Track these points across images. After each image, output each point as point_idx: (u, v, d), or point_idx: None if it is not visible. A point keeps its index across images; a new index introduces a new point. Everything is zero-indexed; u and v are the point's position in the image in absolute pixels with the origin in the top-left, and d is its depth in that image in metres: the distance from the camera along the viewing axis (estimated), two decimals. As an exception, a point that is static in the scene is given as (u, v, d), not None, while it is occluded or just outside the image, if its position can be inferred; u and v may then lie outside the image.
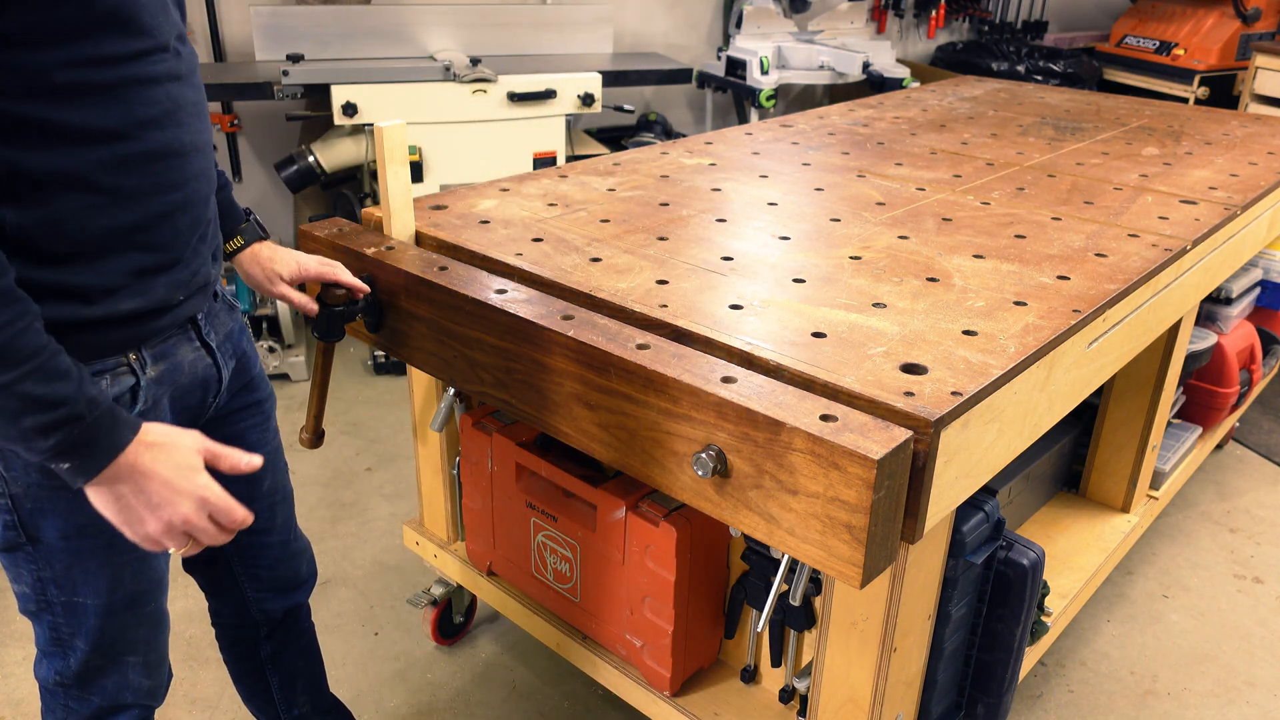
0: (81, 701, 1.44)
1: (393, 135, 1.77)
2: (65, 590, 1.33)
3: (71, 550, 1.29)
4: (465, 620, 2.45)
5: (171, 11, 1.19)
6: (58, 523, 1.26)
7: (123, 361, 1.22)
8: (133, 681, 1.45)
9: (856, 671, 1.58)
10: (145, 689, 1.48)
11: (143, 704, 1.49)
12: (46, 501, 1.24)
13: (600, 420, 1.47)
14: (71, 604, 1.34)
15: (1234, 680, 2.40)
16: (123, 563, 1.33)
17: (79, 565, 1.30)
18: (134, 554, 1.33)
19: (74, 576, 1.31)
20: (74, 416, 1.04)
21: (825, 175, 2.35)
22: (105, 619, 1.36)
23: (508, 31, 4.20)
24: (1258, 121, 3.12)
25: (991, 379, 1.37)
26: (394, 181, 1.81)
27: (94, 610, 1.34)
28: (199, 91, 1.26)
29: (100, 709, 1.45)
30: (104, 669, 1.41)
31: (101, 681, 1.42)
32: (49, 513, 1.25)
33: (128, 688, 1.45)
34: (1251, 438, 3.49)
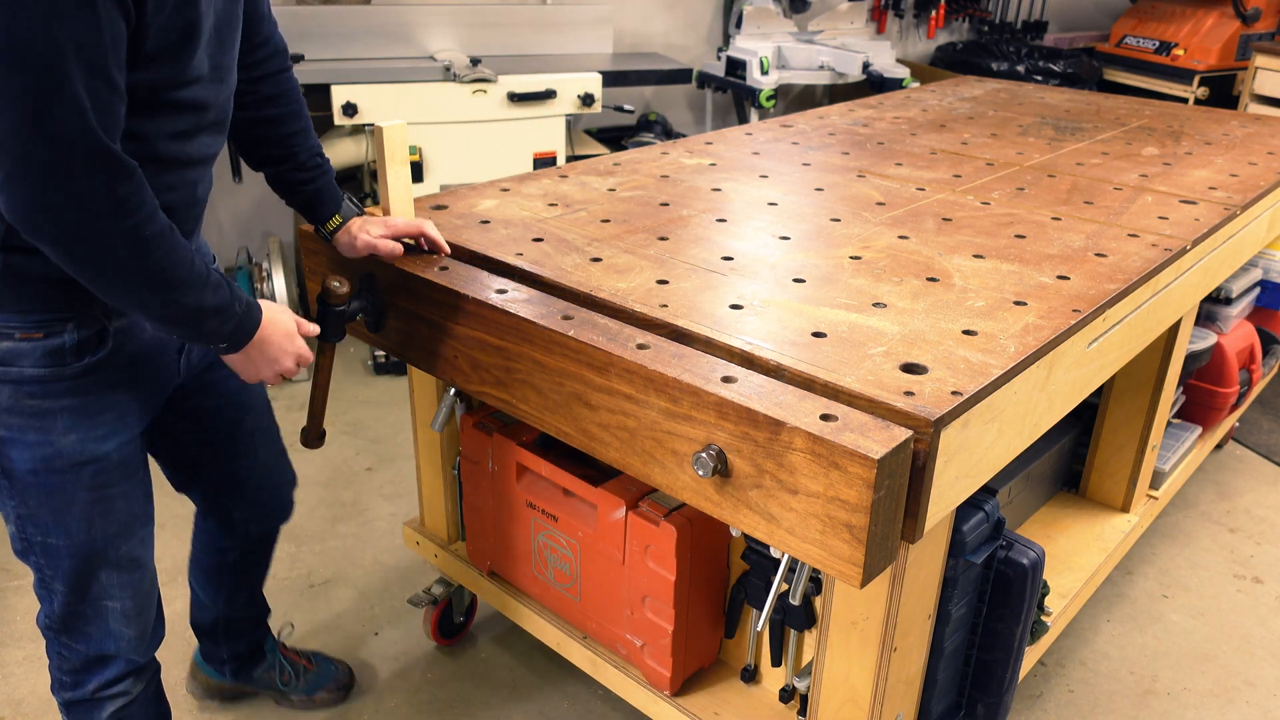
0: (70, 649, 1.54)
1: (393, 135, 1.77)
2: (40, 529, 1.43)
3: (41, 486, 1.38)
4: (465, 620, 2.45)
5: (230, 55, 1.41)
6: (25, 454, 1.35)
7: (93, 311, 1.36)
8: (115, 629, 1.53)
9: (856, 671, 1.58)
10: (129, 639, 1.55)
11: (128, 656, 1.56)
12: (17, 431, 1.34)
13: (600, 420, 1.48)
14: (47, 545, 1.44)
15: (1234, 680, 2.40)
16: (90, 501, 1.42)
17: (49, 503, 1.40)
18: (100, 492, 1.42)
19: (45, 516, 1.41)
20: (233, 314, 1.33)
21: (825, 175, 2.35)
22: (78, 561, 1.45)
23: (508, 31, 4.20)
24: (1257, 121, 3.12)
25: (991, 379, 1.37)
26: (394, 181, 1.81)
27: (66, 551, 1.44)
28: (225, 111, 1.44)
29: (88, 658, 1.54)
30: (85, 614, 1.50)
31: (85, 628, 1.51)
32: (18, 443, 1.35)
33: (110, 636, 1.52)
34: (1251, 438, 3.49)
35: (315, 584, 2.64)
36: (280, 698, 2.20)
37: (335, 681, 2.23)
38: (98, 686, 1.58)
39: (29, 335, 1.29)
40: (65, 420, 1.35)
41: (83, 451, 1.38)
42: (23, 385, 1.30)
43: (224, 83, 1.41)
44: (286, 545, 2.78)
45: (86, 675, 1.58)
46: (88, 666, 1.56)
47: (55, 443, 1.34)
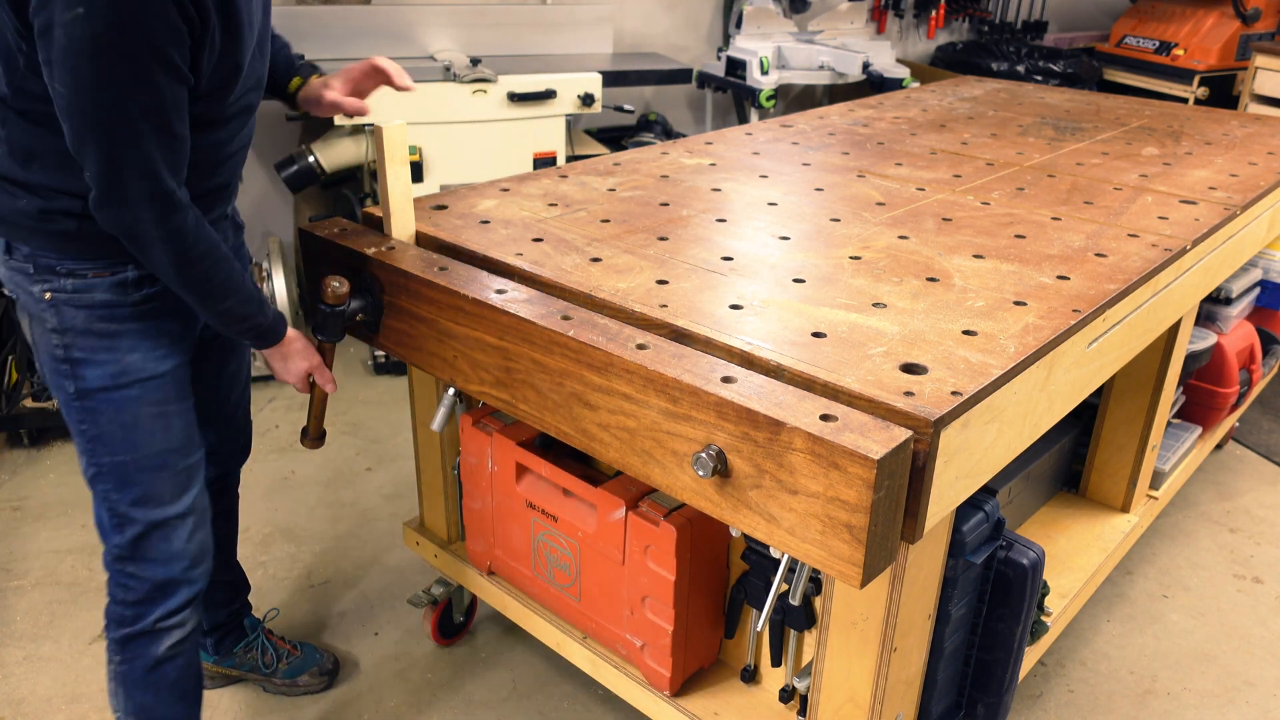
0: (135, 579, 1.68)
1: (393, 135, 1.77)
2: (109, 449, 1.60)
3: (111, 402, 1.58)
4: (465, 620, 2.45)
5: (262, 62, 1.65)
6: (97, 371, 1.57)
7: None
8: (178, 550, 1.68)
9: (856, 671, 1.58)
10: (191, 559, 1.71)
11: (190, 579, 1.71)
12: (89, 351, 1.56)
13: (600, 420, 1.48)
14: (116, 464, 1.61)
15: (1233, 680, 2.40)
16: (153, 416, 1.61)
17: (118, 419, 1.59)
18: (161, 408, 1.62)
19: (115, 432, 1.59)
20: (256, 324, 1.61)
21: (825, 175, 2.35)
22: (146, 476, 1.63)
23: (508, 31, 4.20)
24: (1257, 121, 3.12)
25: (991, 379, 1.37)
26: (394, 181, 1.81)
27: (134, 467, 1.62)
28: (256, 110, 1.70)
29: (153, 585, 1.68)
30: (151, 537, 1.66)
31: (151, 552, 1.67)
32: (90, 363, 1.56)
33: (175, 557, 1.68)
34: (1251, 438, 3.49)
35: (315, 584, 2.64)
36: (264, 680, 2.24)
37: (319, 667, 2.26)
38: (160, 616, 1.70)
39: (99, 274, 1.55)
40: (129, 340, 1.58)
41: (144, 369, 1.59)
42: (94, 310, 1.55)
43: (261, 89, 1.67)
44: (286, 545, 2.78)
45: (149, 606, 1.69)
46: (151, 596, 1.69)
47: (121, 360, 1.57)
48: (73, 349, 1.56)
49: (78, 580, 2.61)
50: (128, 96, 1.34)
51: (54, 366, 1.58)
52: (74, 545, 2.75)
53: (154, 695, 1.73)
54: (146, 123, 1.37)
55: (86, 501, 2.91)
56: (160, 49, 1.34)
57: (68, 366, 1.57)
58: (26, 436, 3.21)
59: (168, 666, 1.73)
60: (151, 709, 1.74)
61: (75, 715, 2.20)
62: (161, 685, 1.73)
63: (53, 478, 3.06)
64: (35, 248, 1.52)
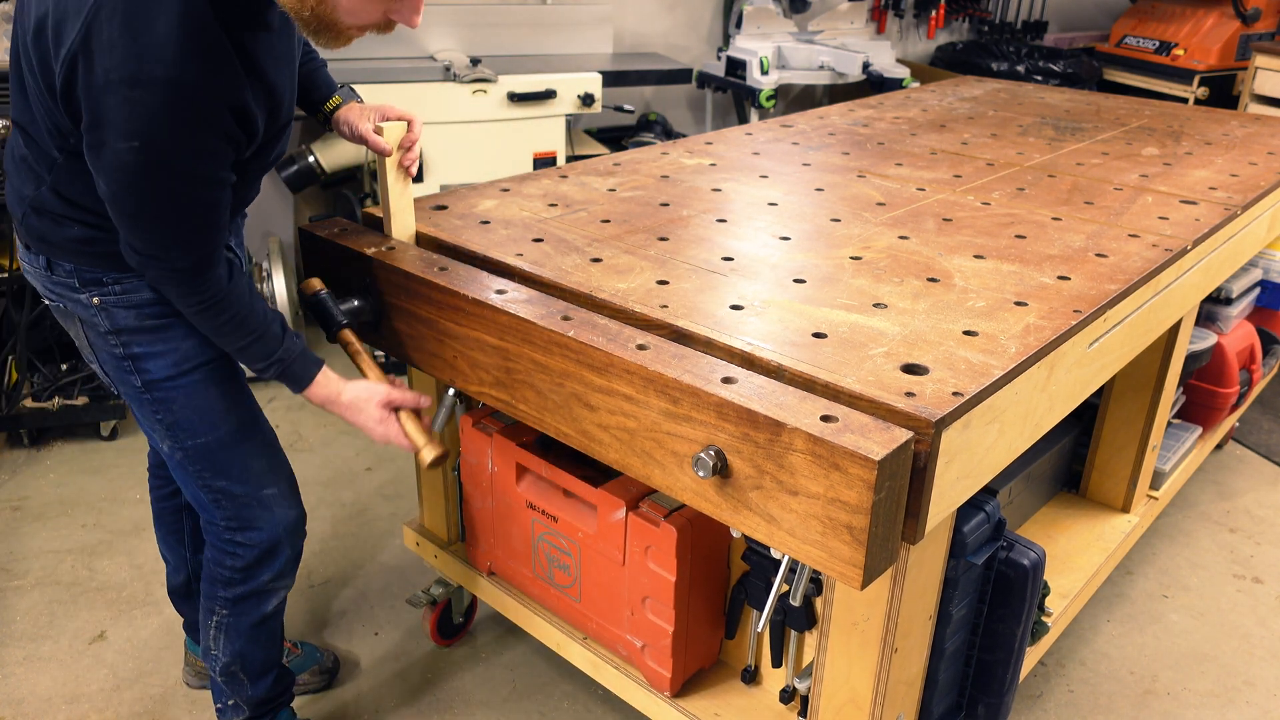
0: (244, 548, 1.77)
1: (393, 135, 1.77)
2: (189, 432, 1.67)
3: (179, 388, 1.64)
4: (465, 620, 2.45)
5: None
6: (160, 362, 1.63)
7: None
8: (279, 515, 1.77)
9: (857, 672, 1.58)
10: (291, 521, 1.80)
11: (293, 540, 1.81)
12: (148, 345, 1.62)
13: (600, 421, 1.47)
14: (199, 447, 1.68)
15: (1233, 680, 2.40)
16: (220, 394, 1.68)
17: (190, 402, 1.65)
18: (225, 386, 1.69)
19: (190, 415, 1.66)
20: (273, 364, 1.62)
21: (825, 175, 2.35)
22: (230, 450, 1.70)
23: (508, 31, 4.19)
24: (1257, 121, 3.12)
25: (992, 379, 1.37)
26: (394, 182, 1.81)
27: (217, 444, 1.69)
28: None
29: (261, 550, 1.77)
30: (253, 504, 1.74)
31: (256, 520, 1.75)
32: (151, 355, 1.62)
33: (276, 522, 1.77)
34: (1251, 438, 3.49)
35: (315, 584, 2.64)
36: None
37: (319, 665, 2.29)
38: (270, 578, 1.82)
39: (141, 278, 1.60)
40: (181, 329, 1.62)
41: (203, 352, 1.65)
42: (142, 308, 1.60)
43: (263, 167, 1.68)
44: (286, 545, 2.78)
45: (259, 569, 1.80)
46: (260, 560, 1.79)
47: (179, 348, 1.63)
48: (131, 345, 1.62)
49: (78, 580, 2.61)
50: (173, 206, 1.42)
51: (116, 365, 1.64)
52: (74, 545, 2.75)
53: (254, 643, 1.88)
54: (188, 221, 1.45)
55: (86, 501, 2.92)
56: (210, 170, 1.43)
57: (130, 363, 1.63)
58: (26, 436, 3.21)
59: (273, 622, 1.89)
60: (249, 653, 1.89)
61: (75, 715, 2.19)
62: (263, 635, 1.89)
63: (53, 478, 3.06)
64: (79, 265, 1.58)
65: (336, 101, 1.84)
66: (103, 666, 2.33)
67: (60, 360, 3.28)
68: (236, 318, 1.57)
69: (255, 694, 1.95)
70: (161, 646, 2.39)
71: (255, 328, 1.60)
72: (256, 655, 1.91)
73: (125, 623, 2.47)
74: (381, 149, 1.76)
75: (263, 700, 1.97)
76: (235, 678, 1.92)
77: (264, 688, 1.96)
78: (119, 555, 2.71)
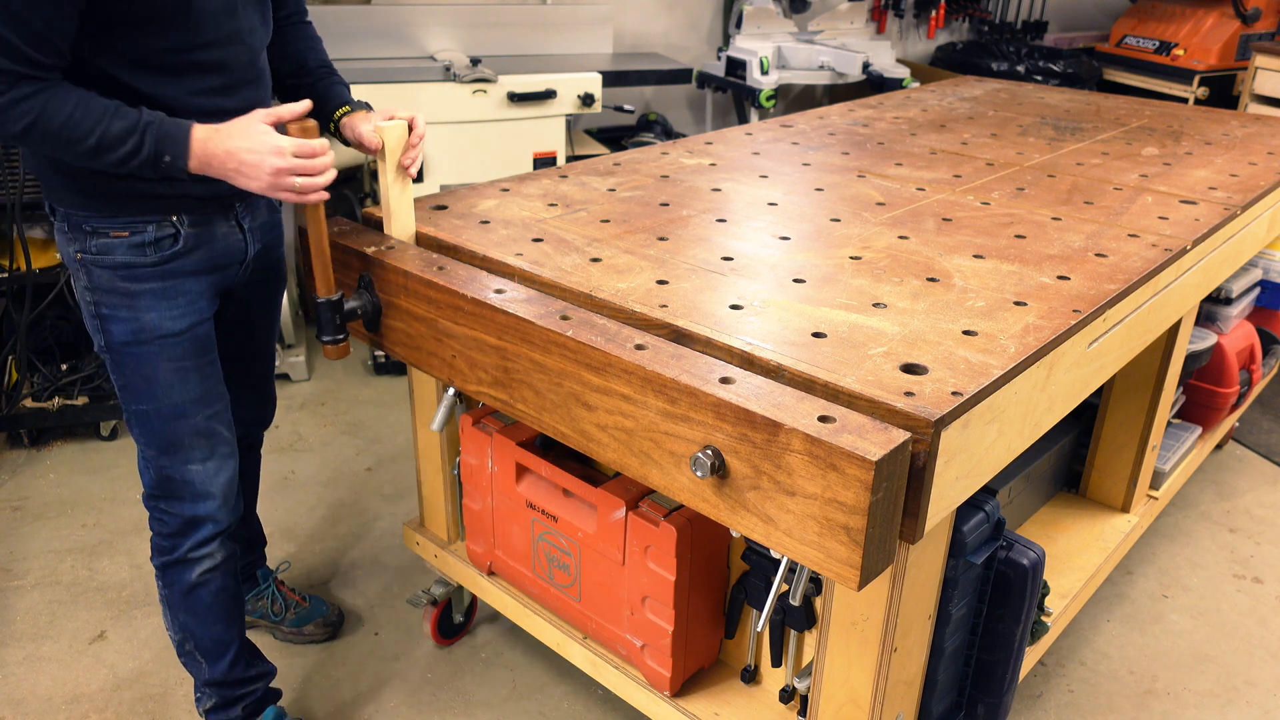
0: (167, 515, 1.84)
1: (392, 134, 1.77)
2: (135, 397, 1.75)
3: (133, 356, 1.71)
4: (465, 620, 2.45)
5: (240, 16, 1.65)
6: (120, 328, 1.70)
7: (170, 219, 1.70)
8: (202, 491, 1.82)
9: (857, 672, 1.58)
10: (214, 501, 1.84)
11: (214, 517, 1.85)
12: (113, 309, 1.68)
13: (598, 421, 1.47)
14: (140, 412, 1.76)
15: (1234, 680, 2.40)
16: (170, 371, 1.73)
17: (140, 371, 1.72)
18: (178, 364, 1.73)
19: (138, 384, 1.73)
20: (146, 134, 1.50)
21: (825, 175, 2.35)
22: (165, 423, 1.75)
23: (508, 31, 4.19)
24: (1257, 121, 3.12)
25: (992, 379, 1.37)
26: (394, 181, 1.81)
27: (154, 415, 1.75)
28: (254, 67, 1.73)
29: (183, 521, 1.83)
30: (175, 479, 1.80)
31: (179, 491, 1.81)
32: (115, 319, 1.69)
33: (200, 497, 1.82)
34: (1251, 438, 3.49)
35: (315, 584, 2.64)
36: (273, 627, 2.41)
37: (324, 618, 2.42)
38: (190, 547, 1.86)
39: (119, 234, 1.65)
40: (147, 300, 1.69)
41: (160, 327, 1.70)
42: (116, 270, 1.66)
43: (242, 44, 1.66)
44: (286, 545, 2.78)
45: (181, 538, 1.85)
46: (182, 530, 1.84)
47: (140, 318, 1.69)
48: (101, 305, 1.70)
49: (78, 580, 2.61)
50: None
51: (90, 321, 1.74)
52: (74, 545, 2.75)
53: (193, 616, 1.92)
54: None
55: (87, 501, 2.92)
56: None
57: (98, 322, 1.72)
58: (26, 436, 3.21)
59: (202, 591, 1.90)
60: (192, 627, 1.93)
61: (75, 715, 2.20)
62: (198, 607, 1.91)
63: (53, 478, 3.06)
64: (68, 207, 1.65)
65: (345, 110, 1.87)
66: (103, 666, 2.33)
67: (60, 360, 3.28)
68: (63, 116, 1.48)
69: (213, 675, 1.97)
70: (161, 646, 2.39)
71: (98, 114, 1.50)
72: (202, 632, 1.93)
73: (125, 623, 2.47)
74: (368, 144, 1.78)
75: (223, 683, 1.98)
76: (192, 658, 1.97)
77: (221, 670, 1.97)
78: (119, 555, 2.71)
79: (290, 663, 2.36)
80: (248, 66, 1.69)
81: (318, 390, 3.67)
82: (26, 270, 3.02)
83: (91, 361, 3.28)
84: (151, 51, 1.54)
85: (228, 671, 1.98)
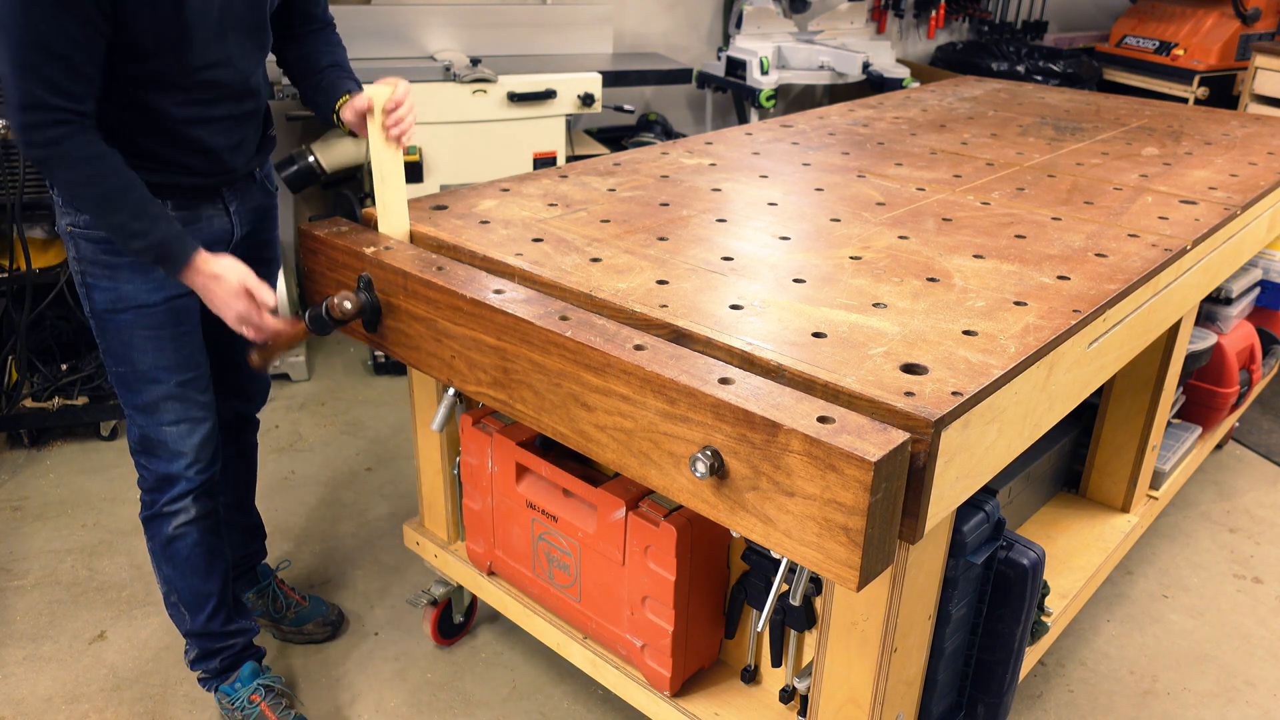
0: (147, 470, 1.96)
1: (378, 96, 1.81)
2: (116, 360, 1.87)
3: (112, 323, 1.84)
4: (465, 620, 2.45)
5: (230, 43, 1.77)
6: (102, 296, 1.82)
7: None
8: (175, 450, 1.93)
9: (857, 672, 1.58)
10: (187, 460, 1.94)
11: (187, 475, 1.95)
12: (96, 279, 1.81)
13: (597, 421, 1.47)
14: (120, 374, 1.88)
15: (1234, 680, 2.40)
16: (146, 339, 1.84)
17: (118, 337, 1.85)
18: (154, 333, 1.84)
19: (117, 348, 1.86)
20: (154, 243, 1.69)
21: (825, 175, 2.35)
22: (142, 385, 1.87)
23: (508, 31, 4.19)
24: (1257, 121, 3.12)
25: (992, 379, 1.37)
26: (381, 150, 1.84)
27: (132, 378, 1.87)
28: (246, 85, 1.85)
29: (159, 477, 1.96)
30: (152, 438, 1.92)
31: (155, 450, 1.93)
32: (97, 288, 1.82)
33: (174, 456, 1.94)
34: (1251, 438, 3.49)
35: (315, 584, 2.64)
36: (273, 626, 2.43)
37: (323, 618, 2.44)
38: (165, 502, 1.97)
39: None
40: (126, 273, 1.80)
41: (137, 298, 1.82)
42: (100, 244, 1.78)
43: (231, 67, 1.78)
44: (286, 545, 2.78)
45: (157, 493, 1.98)
46: (158, 485, 1.97)
47: (119, 288, 1.81)
48: (86, 275, 1.82)
49: (78, 580, 2.61)
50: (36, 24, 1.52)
51: (80, 288, 1.85)
52: (74, 545, 2.75)
53: (173, 568, 2.03)
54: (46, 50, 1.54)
55: (87, 501, 2.92)
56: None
57: (84, 290, 1.84)
58: (26, 436, 3.21)
59: (179, 544, 2.01)
60: (174, 579, 2.05)
61: (75, 715, 2.20)
62: (177, 559, 2.02)
63: (53, 478, 3.06)
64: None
65: (344, 100, 1.92)
66: (103, 666, 2.33)
67: (60, 360, 3.28)
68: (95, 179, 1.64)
69: (192, 626, 2.08)
70: (161, 646, 2.39)
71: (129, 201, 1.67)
72: (182, 584, 2.04)
73: (125, 623, 2.47)
74: (358, 107, 1.86)
75: (201, 634, 2.09)
76: (176, 609, 2.08)
77: (199, 622, 2.07)
78: (119, 555, 2.71)
79: (290, 662, 2.36)
80: (239, 84, 1.82)
81: (318, 390, 3.67)
82: (26, 270, 3.02)
83: (91, 362, 3.28)
84: (148, 73, 1.69)
85: (206, 624, 2.07)
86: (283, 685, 2.16)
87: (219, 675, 2.13)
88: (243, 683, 2.11)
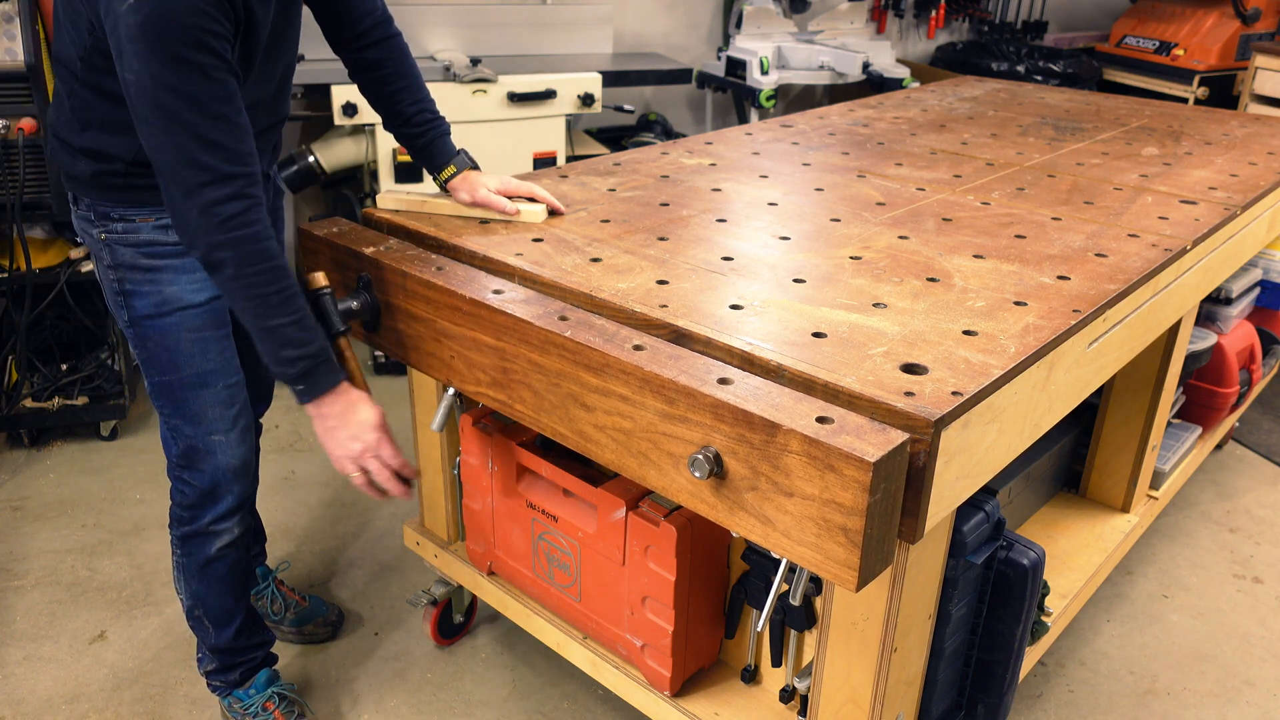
0: (189, 486, 1.90)
1: (535, 218, 1.88)
2: (158, 369, 1.81)
3: (155, 328, 1.78)
4: (465, 620, 2.45)
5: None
6: (143, 302, 1.77)
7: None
8: (223, 464, 1.88)
9: (857, 672, 1.58)
10: (235, 472, 1.90)
11: (234, 489, 1.91)
12: (136, 284, 1.76)
13: (596, 421, 1.47)
14: (164, 383, 1.82)
15: (1234, 680, 2.40)
16: (191, 341, 1.80)
17: (162, 343, 1.79)
18: (197, 334, 1.80)
19: (160, 355, 1.80)
20: (308, 355, 1.64)
21: (825, 175, 2.35)
22: (189, 393, 1.82)
23: (508, 31, 4.19)
24: (1257, 121, 3.12)
25: (992, 379, 1.37)
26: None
27: (178, 385, 1.82)
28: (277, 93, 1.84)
29: (203, 493, 1.89)
30: (199, 449, 1.86)
31: (201, 463, 1.87)
32: (138, 294, 1.77)
33: (220, 470, 1.88)
34: (1251, 438, 3.49)
35: (315, 584, 2.64)
36: (273, 627, 2.39)
37: (323, 618, 2.44)
38: (211, 520, 1.92)
39: (145, 219, 1.74)
40: (168, 275, 1.76)
41: (182, 299, 1.78)
42: (139, 248, 1.74)
43: (270, 82, 1.76)
44: (286, 545, 2.78)
45: (201, 510, 1.91)
46: (202, 501, 1.91)
47: (162, 291, 1.76)
48: (125, 282, 1.77)
49: (78, 580, 2.61)
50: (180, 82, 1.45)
51: (113, 299, 1.81)
52: (74, 545, 2.75)
53: (206, 586, 1.99)
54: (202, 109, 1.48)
55: (86, 501, 2.92)
56: (203, 39, 1.46)
57: (121, 298, 1.79)
58: (26, 436, 3.21)
59: (218, 564, 1.97)
60: (204, 596, 2.00)
61: (75, 715, 2.20)
62: (213, 578, 1.99)
63: (53, 478, 3.06)
64: (94, 199, 1.73)
65: (451, 171, 1.98)
66: (103, 666, 2.33)
67: (60, 360, 3.28)
68: (269, 273, 1.58)
69: (218, 642, 2.05)
70: (162, 646, 2.39)
71: (296, 305, 1.61)
72: (212, 601, 2.01)
73: (125, 623, 2.47)
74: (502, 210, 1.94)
75: (226, 650, 2.07)
76: (200, 623, 2.04)
77: (226, 637, 2.05)
78: (119, 555, 2.71)
79: (290, 663, 2.36)
80: (271, 96, 1.81)
81: (318, 390, 3.67)
82: (26, 270, 3.02)
83: (91, 361, 3.28)
84: None
85: (233, 639, 2.06)
86: (295, 693, 2.15)
87: (236, 684, 2.11)
88: (257, 689, 2.10)
